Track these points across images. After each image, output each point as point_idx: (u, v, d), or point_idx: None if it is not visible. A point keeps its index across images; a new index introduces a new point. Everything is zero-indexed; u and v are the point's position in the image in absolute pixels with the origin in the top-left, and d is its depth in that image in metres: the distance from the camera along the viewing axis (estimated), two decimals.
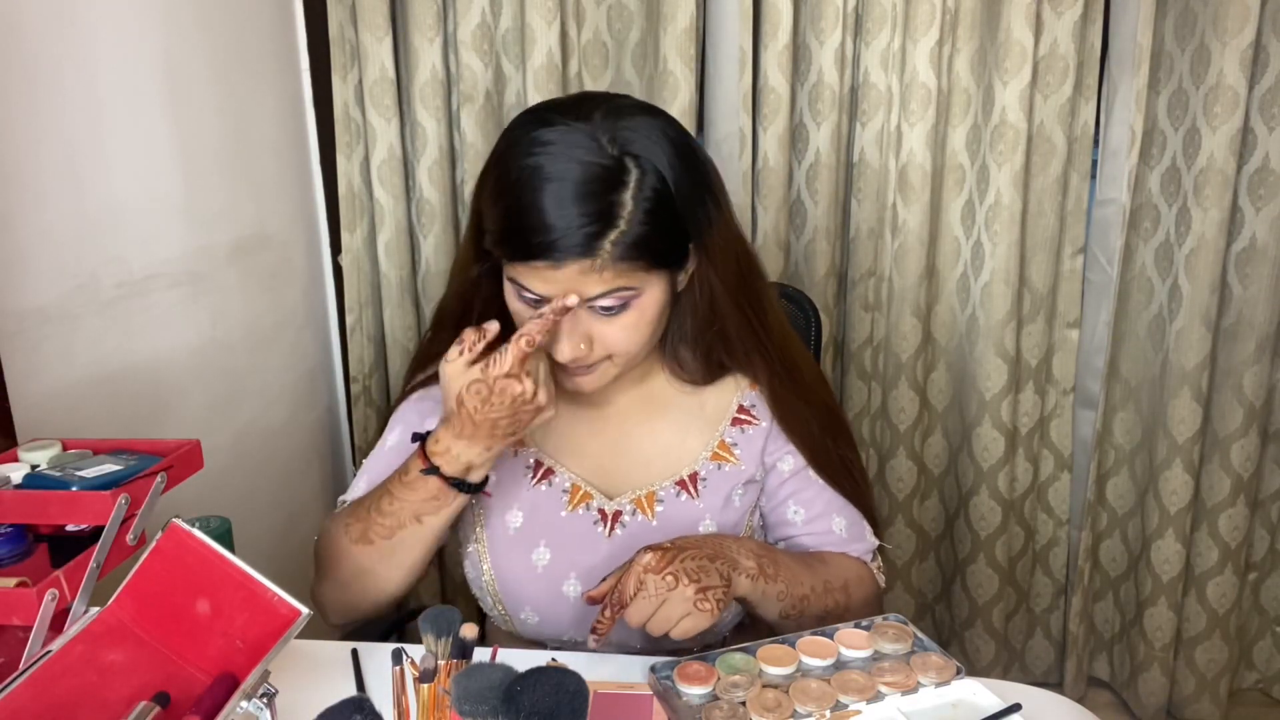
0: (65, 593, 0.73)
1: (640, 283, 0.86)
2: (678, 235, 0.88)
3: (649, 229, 0.83)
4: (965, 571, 1.85)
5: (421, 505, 0.91)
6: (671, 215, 0.85)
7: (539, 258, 0.82)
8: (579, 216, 0.81)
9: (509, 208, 0.84)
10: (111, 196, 1.15)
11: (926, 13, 1.56)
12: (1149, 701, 1.82)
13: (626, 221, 0.82)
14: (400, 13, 1.57)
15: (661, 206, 0.84)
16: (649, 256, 0.85)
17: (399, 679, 0.70)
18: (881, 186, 1.67)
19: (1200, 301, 1.61)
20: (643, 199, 0.83)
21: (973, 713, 0.78)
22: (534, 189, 0.82)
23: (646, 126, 0.86)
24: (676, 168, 0.85)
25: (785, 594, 0.92)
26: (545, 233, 0.81)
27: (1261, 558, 1.83)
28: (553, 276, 0.83)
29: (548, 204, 0.81)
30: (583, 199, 0.81)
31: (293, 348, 1.61)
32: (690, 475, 1.00)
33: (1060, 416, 1.81)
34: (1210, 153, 1.55)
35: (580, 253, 0.82)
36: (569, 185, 0.81)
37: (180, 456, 0.85)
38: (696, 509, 1.00)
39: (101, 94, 1.13)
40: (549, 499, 1.00)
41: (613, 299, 0.85)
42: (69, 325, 1.09)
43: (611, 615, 0.85)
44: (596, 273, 0.83)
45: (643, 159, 0.83)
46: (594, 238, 0.82)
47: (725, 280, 0.92)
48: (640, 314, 0.88)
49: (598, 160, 0.82)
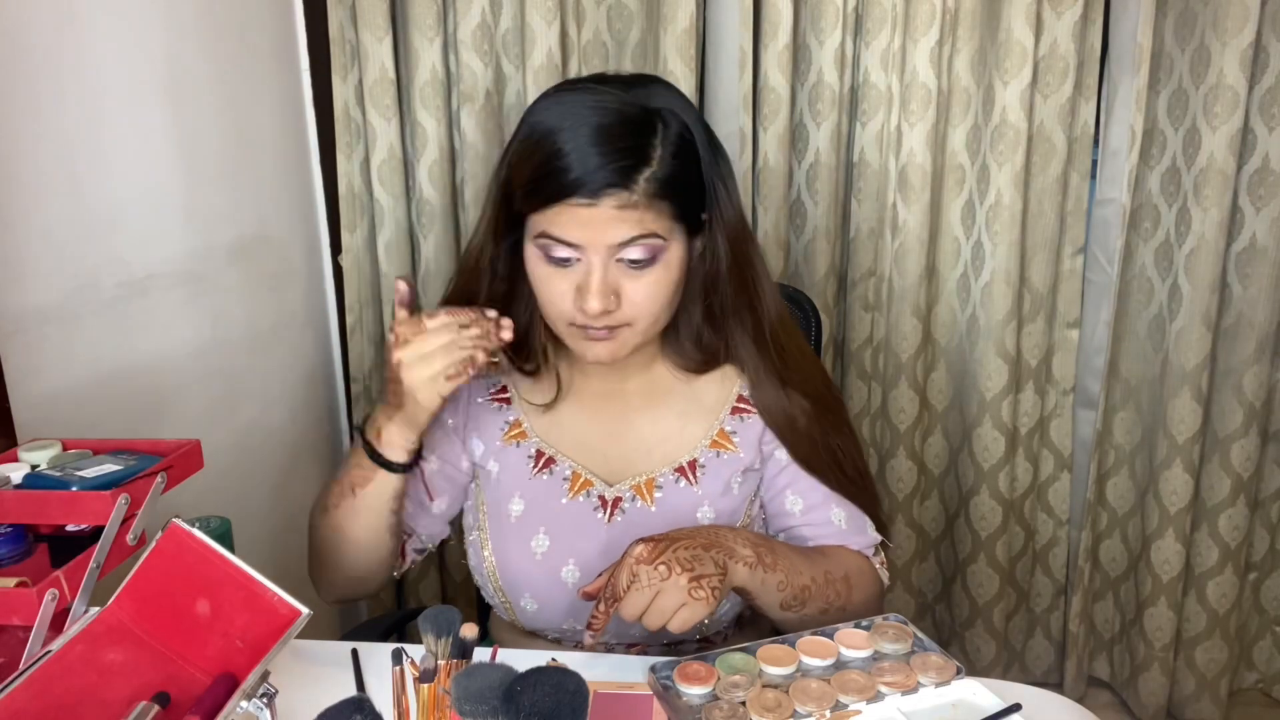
0: (65, 593, 0.73)
1: (667, 233, 0.88)
2: (698, 191, 0.91)
3: (677, 171, 0.87)
4: (965, 571, 1.85)
5: (355, 475, 0.94)
6: (696, 167, 0.90)
7: (576, 193, 0.85)
8: (614, 152, 0.84)
9: (544, 155, 0.86)
10: (111, 196, 1.15)
11: (926, 13, 1.56)
12: (1149, 701, 1.82)
13: (658, 162, 0.86)
14: (400, 13, 1.57)
15: (688, 153, 0.89)
16: (678, 199, 0.88)
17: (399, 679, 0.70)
18: (881, 186, 1.67)
19: (1200, 301, 1.61)
20: (670, 143, 0.87)
21: (973, 713, 0.78)
22: (568, 131, 0.85)
23: (666, 92, 0.91)
24: (699, 128, 0.91)
25: (785, 584, 0.92)
26: (582, 168, 0.84)
27: (1261, 558, 1.83)
28: (589, 217, 0.85)
29: (582, 143, 0.85)
30: (616, 137, 0.85)
31: (293, 348, 1.60)
32: (690, 462, 1.01)
33: (1060, 416, 1.81)
34: (1210, 153, 1.55)
35: (618, 184, 0.84)
36: (602, 127, 0.85)
37: (180, 456, 0.85)
38: (695, 496, 1.00)
39: (101, 94, 1.13)
40: (549, 487, 1.01)
41: (643, 248, 0.87)
42: (69, 325, 1.09)
43: (606, 610, 0.85)
44: (632, 209, 0.85)
45: (665, 112, 0.88)
46: (629, 171, 0.85)
47: (731, 254, 0.95)
48: (666, 272, 0.90)
49: (627, 110, 0.87)
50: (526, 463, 1.02)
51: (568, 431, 1.03)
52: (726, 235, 0.94)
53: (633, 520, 0.99)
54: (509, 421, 1.04)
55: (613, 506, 1.00)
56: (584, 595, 0.91)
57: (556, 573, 0.99)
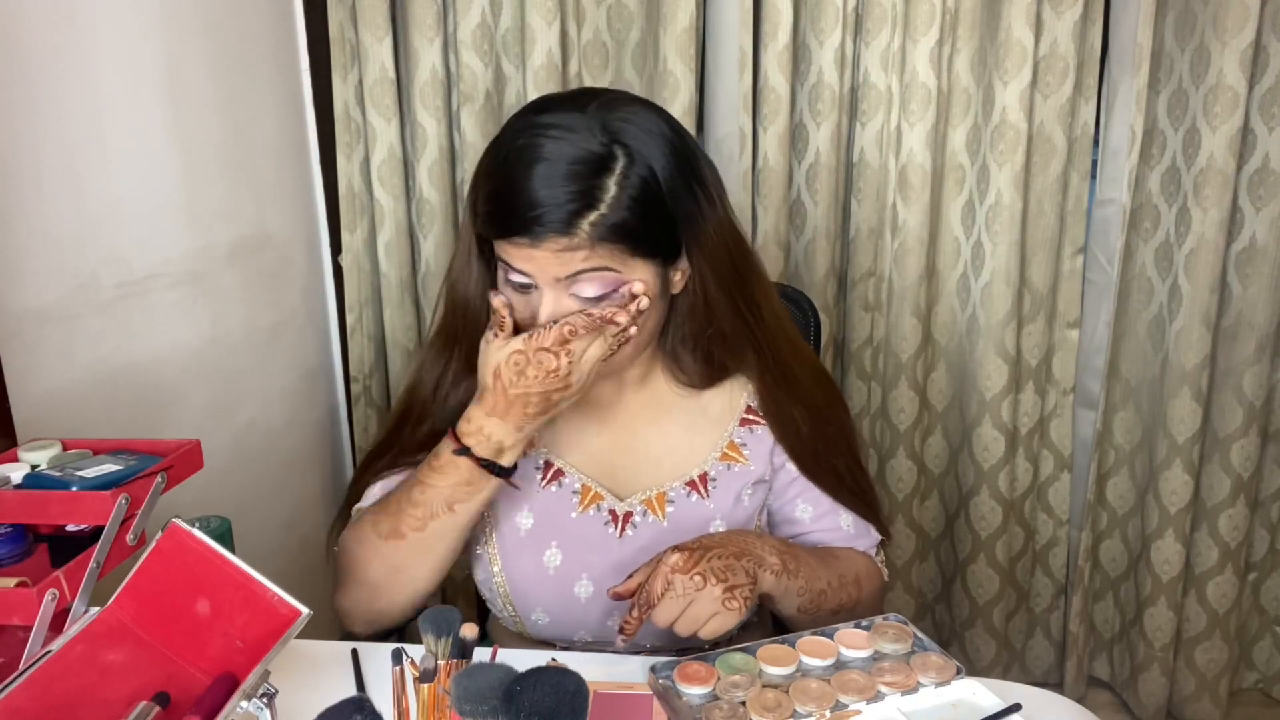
0: (65, 593, 0.73)
1: (622, 266, 0.86)
2: (665, 227, 0.88)
3: (631, 215, 0.84)
4: (965, 571, 1.85)
5: (454, 491, 0.90)
6: (658, 207, 0.86)
7: (519, 233, 0.84)
8: (561, 194, 0.82)
9: (498, 185, 0.86)
10: (111, 196, 1.15)
11: (926, 13, 1.56)
12: (1149, 701, 1.82)
13: (608, 206, 0.83)
14: (400, 13, 1.57)
15: (647, 196, 0.85)
16: (630, 242, 0.85)
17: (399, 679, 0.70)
18: (881, 186, 1.67)
19: (1200, 301, 1.61)
20: (628, 186, 0.84)
21: (973, 713, 0.78)
22: (522, 167, 0.84)
23: (641, 119, 0.87)
24: (667, 161, 0.86)
25: (805, 589, 0.93)
26: (527, 208, 0.83)
27: (1261, 558, 1.83)
28: (531, 255, 0.84)
29: (532, 182, 0.83)
30: (566, 179, 0.82)
31: (293, 348, 1.60)
32: (700, 476, 1.01)
33: (1060, 416, 1.81)
34: (1210, 153, 1.55)
35: (558, 230, 0.83)
36: (555, 165, 0.83)
37: (180, 456, 0.85)
38: (707, 509, 1.00)
39: (101, 94, 1.13)
40: (559, 500, 1.00)
41: (595, 282, 0.85)
42: (69, 325, 1.09)
43: (639, 615, 0.85)
44: (573, 251, 0.84)
45: (632, 149, 0.84)
46: (574, 216, 0.83)
47: (719, 279, 0.93)
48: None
49: (586, 145, 0.84)
50: (534, 474, 1.01)
51: (575, 442, 1.02)
52: (709, 261, 0.91)
53: (644, 535, 0.99)
54: None
55: (624, 521, 0.99)
56: (614, 595, 0.91)
57: (570, 587, 0.98)
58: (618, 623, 0.95)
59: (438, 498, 0.90)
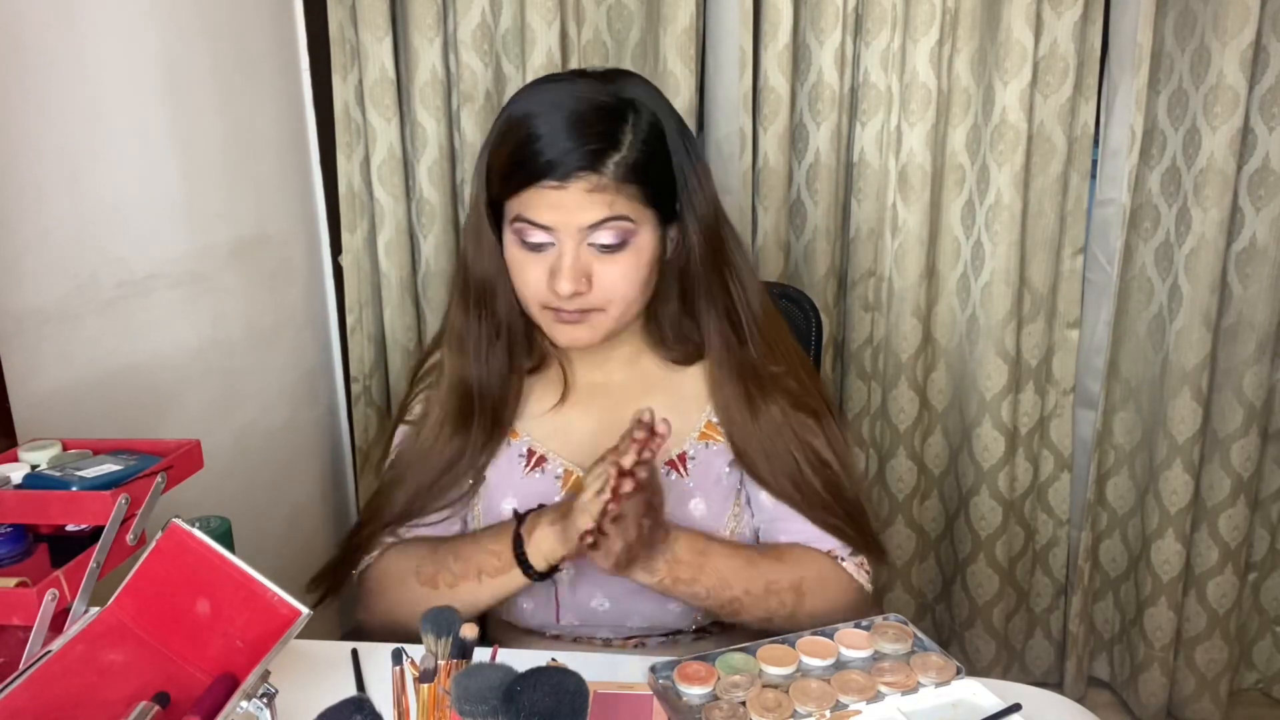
0: (65, 593, 0.73)
1: (637, 216, 0.91)
2: (668, 180, 0.93)
3: (646, 157, 0.90)
4: (965, 571, 1.85)
5: (488, 563, 0.95)
6: (665, 154, 0.92)
7: (547, 176, 0.88)
8: (583, 137, 0.88)
9: (518, 140, 0.89)
10: (111, 196, 1.15)
11: (926, 13, 1.56)
12: (1149, 701, 1.82)
13: (628, 147, 0.89)
14: (400, 13, 1.57)
15: (657, 140, 0.92)
16: (647, 184, 0.90)
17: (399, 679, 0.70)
18: (881, 186, 1.67)
19: (1200, 301, 1.61)
20: (640, 131, 0.90)
21: (973, 713, 0.78)
22: (542, 117, 0.88)
23: (640, 85, 0.94)
24: (668, 116, 0.94)
25: (707, 596, 0.95)
26: (553, 151, 0.87)
27: (1261, 558, 1.83)
28: (560, 199, 0.88)
29: (554, 127, 0.88)
30: (587, 123, 0.88)
31: (293, 348, 1.60)
32: (680, 455, 1.02)
33: (1060, 416, 1.81)
34: (1210, 153, 1.55)
35: (586, 167, 0.87)
36: (573, 113, 0.89)
37: (180, 456, 0.85)
38: (686, 487, 1.01)
39: (101, 94, 1.13)
40: (542, 486, 1.02)
41: (613, 231, 0.90)
42: (69, 325, 1.09)
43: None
44: (600, 193, 0.88)
45: (637, 101, 0.92)
46: (598, 155, 0.88)
47: (701, 246, 0.96)
48: (637, 256, 0.92)
49: (600, 98, 0.90)
50: (518, 462, 1.03)
51: (558, 429, 1.03)
52: (699, 225, 0.95)
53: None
54: None
55: None
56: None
57: None
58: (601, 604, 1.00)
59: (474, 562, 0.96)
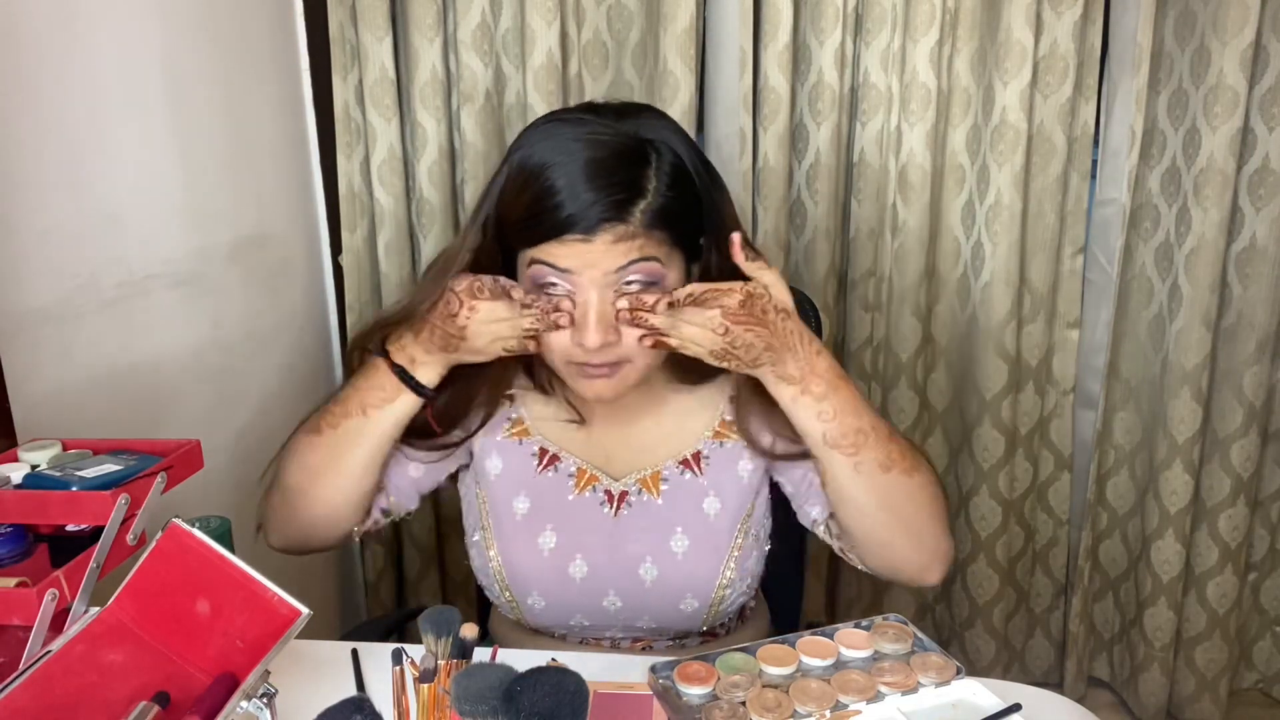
0: (65, 593, 0.73)
1: (665, 259, 0.87)
2: (695, 216, 0.90)
3: (673, 200, 0.87)
4: (965, 571, 1.85)
5: (369, 394, 0.94)
6: (691, 189, 0.89)
7: (572, 229, 0.84)
8: (608, 187, 0.84)
9: (536, 192, 0.85)
10: (111, 196, 1.15)
11: (926, 13, 1.56)
12: (1149, 701, 1.82)
13: (653, 193, 0.86)
14: (400, 13, 1.57)
15: (683, 181, 0.88)
16: (675, 227, 0.87)
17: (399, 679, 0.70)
18: (881, 186, 1.67)
19: (1200, 301, 1.61)
20: (664, 173, 0.87)
21: (973, 713, 0.78)
22: (559, 167, 0.85)
23: (654, 119, 0.91)
24: (686, 149, 0.90)
25: (832, 414, 0.89)
26: (576, 204, 0.83)
27: (1261, 558, 1.83)
28: (585, 250, 0.85)
29: (577, 179, 0.84)
30: (610, 171, 0.84)
31: (293, 348, 1.60)
32: (694, 454, 1.02)
33: (1060, 416, 1.81)
34: (1210, 153, 1.55)
35: (613, 219, 0.84)
36: (595, 161, 0.84)
37: (180, 456, 0.85)
38: (701, 486, 1.01)
39: (102, 94, 1.13)
40: (555, 484, 1.02)
41: (641, 272, 0.86)
42: (69, 325, 1.09)
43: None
44: (629, 241, 0.85)
45: (656, 141, 0.88)
46: (625, 204, 0.84)
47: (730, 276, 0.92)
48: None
49: (618, 140, 0.86)
50: (530, 460, 1.03)
51: (570, 428, 1.03)
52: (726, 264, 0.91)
53: (639, 512, 1.00)
54: (511, 419, 1.04)
55: (619, 500, 1.01)
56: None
57: (564, 569, 1.00)
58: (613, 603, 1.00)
59: (355, 397, 0.94)
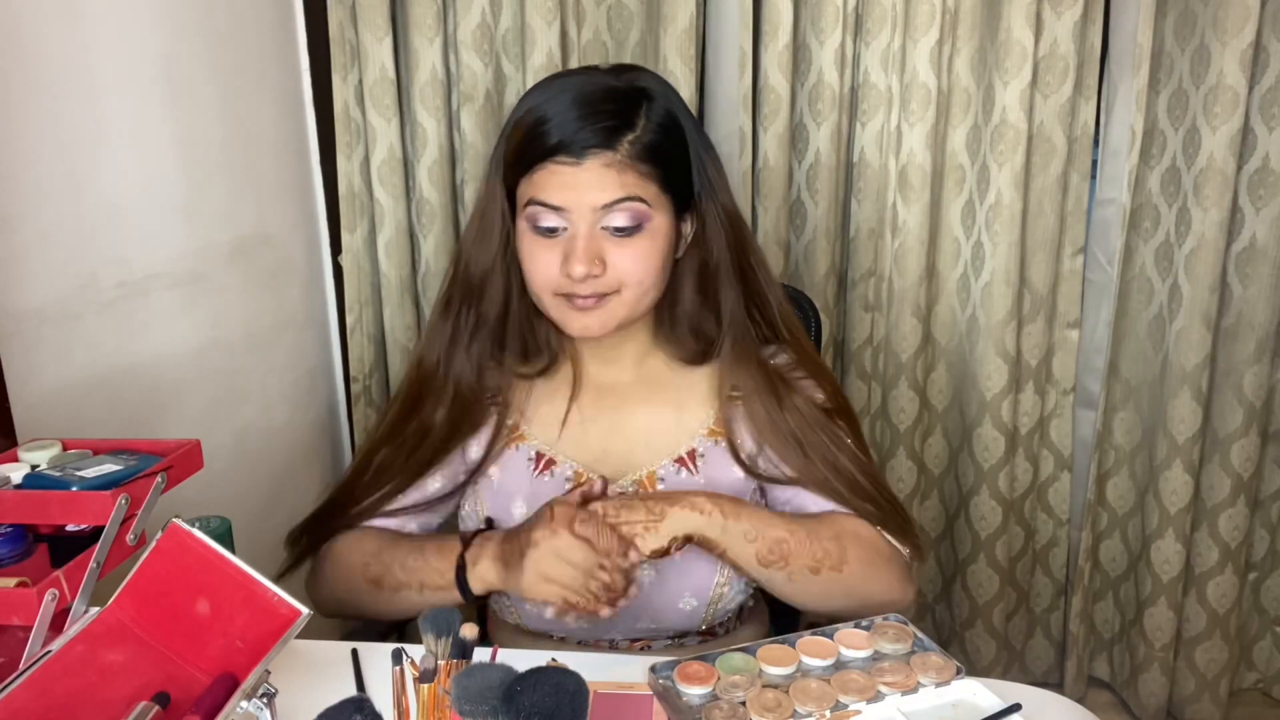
0: (65, 593, 0.73)
1: (652, 200, 0.91)
2: (684, 166, 0.94)
3: (661, 140, 0.91)
4: (965, 571, 1.85)
5: (429, 575, 0.96)
6: (680, 140, 0.93)
7: (561, 153, 0.88)
8: (597, 114, 0.89)
9: (532, 124, 0.90)
10: (111, 196, 1.15)
11: (926, 13, 1.56)
12: (1149, 701, 1.82)
13: (642, 128, 0.90)
14: (400, 13, 1.57)
15: (672, 127, 0.92)
16: (662, 167, 0.91)
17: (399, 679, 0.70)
18: (881, 186, 1.67)
19: (1200, 301, 1.61)
20: (654, 115, 0.91)
21: (973, 713, 0.78)
22: (561, 100, 0.90)
23: (653, 78, 0.96)
24: (681, 110, 0.94)
25: (754, 535, 0.92)
26: (567, 129, 0.88)
27: (1261, 558, 1.83)
28: (573, 177, 0.88)
29: (566, 108, 0.89)
30: (604, 104, 0.90)
31: (293, 348, 1.60)
32: (689, 453, 1.02)
33: (1060, 416, 1.81)
34: (1210, 153, 1.55)
35: (602, 144, 0.88)
36: (592, 95, 0.90)
37: (180, 456, 0.85)
38: (696, 484, 1.01)
39: (101, 94, 1.13)
40: (552, 488, 1.01)
41: (627, 212, 0.90)
42: (69, 325, 1.09)
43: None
44: (615, 171, 0.88)
45: (651, 90, 0.93)
46: (612, 132, 0.88)
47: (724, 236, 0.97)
48: (651, 241, 0.92)
49: (614, 85, 0.92)
50: (527, 465, 1.03)
51: (566, 431, 1.03)
52: (722, 210, 0.96)
53: None
54: (506, 425, 1.04)
55: None
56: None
57: None
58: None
59: (423, 570, 0.96)
